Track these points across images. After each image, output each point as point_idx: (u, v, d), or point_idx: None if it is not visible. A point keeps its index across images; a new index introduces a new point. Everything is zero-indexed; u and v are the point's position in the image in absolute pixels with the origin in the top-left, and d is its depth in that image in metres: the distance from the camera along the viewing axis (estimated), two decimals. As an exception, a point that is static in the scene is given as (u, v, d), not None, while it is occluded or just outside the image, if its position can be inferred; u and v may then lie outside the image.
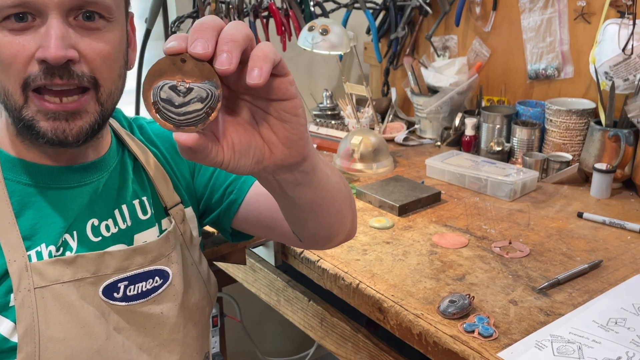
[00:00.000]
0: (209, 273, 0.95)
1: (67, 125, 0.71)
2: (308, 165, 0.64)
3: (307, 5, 1.84)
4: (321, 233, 0.81)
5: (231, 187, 0.92)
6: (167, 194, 0.88)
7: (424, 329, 0.96)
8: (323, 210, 0.74)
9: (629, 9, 1.42)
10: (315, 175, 0.67)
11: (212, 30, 0.52)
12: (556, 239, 1.25)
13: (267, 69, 0.51)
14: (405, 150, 1.83)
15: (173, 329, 0.85)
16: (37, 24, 0.68)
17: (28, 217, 0.76)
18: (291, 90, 0.56)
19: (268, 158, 0.59)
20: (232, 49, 0.51)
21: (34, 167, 0.77)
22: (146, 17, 1.69)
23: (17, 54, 0.68)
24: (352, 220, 0.87)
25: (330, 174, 0.74)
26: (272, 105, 0.57)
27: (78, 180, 0.79)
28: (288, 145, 0.59)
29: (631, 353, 0.88)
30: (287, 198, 0.69)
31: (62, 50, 0.67)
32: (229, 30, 0.52)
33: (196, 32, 0.51)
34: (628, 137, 1.43)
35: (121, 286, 0.79)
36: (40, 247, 0.75)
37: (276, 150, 0.59)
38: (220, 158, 0.56)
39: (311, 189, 0.68)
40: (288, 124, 0.58)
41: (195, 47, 0.51)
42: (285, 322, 1.48)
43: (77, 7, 0.69)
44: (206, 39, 0.51)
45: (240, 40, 0.51)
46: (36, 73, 0.68)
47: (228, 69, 0.50)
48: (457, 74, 1.82)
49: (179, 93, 0.51)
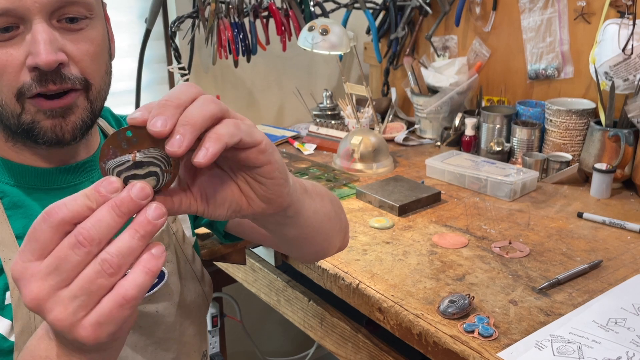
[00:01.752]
0: (202, 271, 0.95)
1: (63, 122, 0.72)
2: (290, 211, 0.64)
3: (307, 5, 1.84)
4: (308, 257, 0.84)
5: None
6: None
7: (423, 329, 0.96)
8: (309, 241, 0.76)
9: (629, 9, 1.42)
10: (300, 216, 0.67)
11: (176, 108, 0.51)
12: (556, 239, 1.25)
13: (213, 152, 0.50)
14: (405, 150, 1.83)
15: (169, 328, 0.85)
16: (21, 31, 0.68)
17: (19, 218, 0.76)
18: (261, 159, 0.55)
19: (246, 209, 0.59)
20: (186, 132, 0.49)
21: (24, 169, 0.77)
22: (146, 17, 1.69)
23: (7, 63, 0.68)
24: (343, 238, 0.89)
25: (320, 207, 0.74)
26: (247, 169, 0.57)
27: (68, 181, 0.80)
28: (266, 201, 0.59)
29: (631, 353, 0.88)
30: (271, 232, 0.70)
31: (53, 55, 0.67)
32: (191, 110, 0.51)
33: (160, 107, 0.50)
34: (628, 137, 1.43)
35: None
36: None
37: (254, 203, 0.59)
38: (194, 208, 0.56)
39: (295, 228, 0.69)
40: (264, 185, 0.57)
41: (154, 125, 0.49)
42: (285, 322, 1.49)
43: (59, 8, 0.69)
44: (166, 117, 0.50)
45: (198, 123, 0.50)
46: (30, 82, 0.68)
47: (177, 151, 0.49)
48: (457, 74, 1.82)
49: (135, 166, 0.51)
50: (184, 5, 1.78)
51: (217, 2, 1.71)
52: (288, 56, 1.97)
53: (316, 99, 2.06)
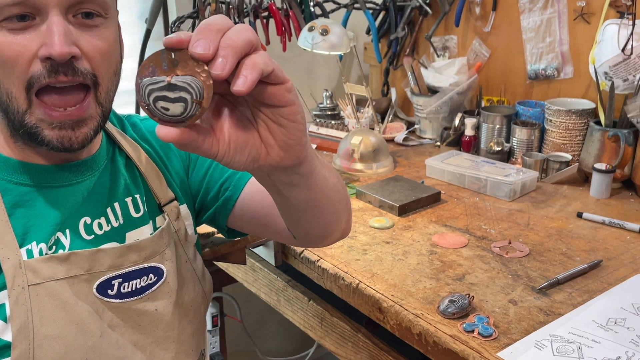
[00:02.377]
0: (203, 270, 0.95)
1: (72, 134, 0.72)
2: (304, 169, 0.64)
3: (307, 6, 1.84)
4: (316, 232, 0.81)
5: (226, 184, 0.92)
6: (160, 191, 0.88)
7: (423, 329, 0.96)
8: (318, 210, 0.75)
9: (629, 9, 1.42)
10: (312, 178, 0.67)
11: (216, 32, 0.52)
12: (556, 239, 1.25)
13: (252, 79, 0.52)
14: (405, 150, 1.83)
15: (168, 326, 0.85)
16: (37, 22, 0.68)
17: (20, 216, 0.76)
18: (287, 97, 0.57)
19: (264, 158, 0.59)
20: (229, 55, 0.51)
21: (26, 166, 0.77)
22: (146, 17, 1.70)
23: (20, 54, 0.68)
24: (348, 219, 0.88)
25: (329, 176, 0.74)
26: (270, 110, 0.57)
27: (70, 178, 0.80)
28: (285, 148, 0.59)
29: (630, 353, 0.88)
30: (282, 197, 0.69)
31: (67, 47, 0.67)
32: (230, 34, 0.52)
33: (200, 32, 0.52)
34: (627, 137, 1.43)
35: (115, 283, 0.79)
36: (31, 245, 0.75)
37: (272, 151, 0.59)
38: (214, 150, 0.56)
39: (307, 190, 0.68)
40: (285, 129, 0.58)
41: (196, 47, 0.51)
42: (285, 322, 1.49)
43: (76, 4, 0.69)
44: (209, 41, 0.51)
45: (238, 46, 0.52)
46: (40, 72, 0.68)
47: (220, 74, 0.51)
48: (457, 74, 1.82)
49: (168, 88, 0.52)
50: (184, 6, 1.78)
51: (217, 2, 1.71)
52: (288, 56, 1.97)
53: (316, 99, 2.06)
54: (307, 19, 1.82)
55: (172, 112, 0.52)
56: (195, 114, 0.52)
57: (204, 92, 0.52)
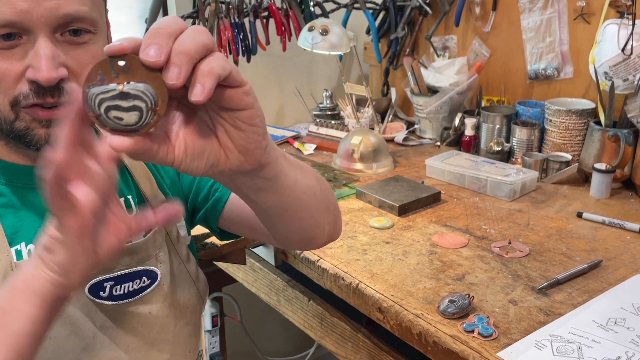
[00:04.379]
0: (197, 271, 0.94)
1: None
2: (267, 172, 0.62)
3: (307, 6, 1.84)
4: (294, 236, 0.79)
5: (216, 185, 0.91)
6: (151, 193, 0.87)
7: (423, 329, 0.96)
8: (291, 215, 0.72)
9: (629, 9, 1.42)
10: (279, 181, 0.65)
11: (168, 36, 0.50)
12: (556, 239, 1.25)
13: (209, 86, 0.49)
14: (405, 150, 1.83)
15: (162, 328, 0.85)
16: (23, 41, 0.67)
17: (9, 217, 0.75)
18: (245, 101, 0.54)
19: (223, 163, 0.57)
20: (182, 62, 0.49)
21: (15, 168, 0.77)
22: (146, 17, 1.70)
23: (6, 72, 0.67)
24: (333, 222, 0.84)
25: (301, 178, 0.72)
26: (227, 113, 0.55)
27: None
28: (244, 152, 0.57)
29: (630, 353, 0.88)
30: (252, 202, 0.68)
31: (54, 72, 0.66)
32: (183, 39, 0.50)
33: (151, 36, 0.49)
34: (628, 137, 1.43)
35: (107, 285, 0.79)
36: (19, 245, 0.75)
37: (232, 156, 0.57)
38: (170, 158, 0.54)
39: (275, 194, 0.66)
40: (244, 133, 0.56)
41: (147, 54, 0.48)
42: (285, 322, 1.49)
43: (64, 24, 0.68)
44: (160, 46, 0.49)
45: (192, 52, 0.49)
46: (27, 92, 0.68)
47: (175, 84, 0.49)
48: (457, 74, 1.82)
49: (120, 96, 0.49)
50: (184, 6, 1.78)
51: (217, 2, 1.71)
52: (288, 56, 1.97)
53: (316, 99, 2.06)
54: (307, 19, 1.82)
55: (126, 121, 0.49)
56: (151, 122, 0.50)
57: (158, 100, 0.49)
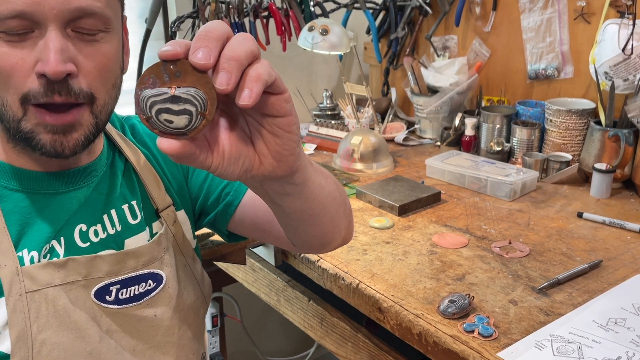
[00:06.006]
0: (202, 273, 0.94)
1: (64, 139, 0.70)
2: (297, 179, 0.64)
3: (307, 5, 1.84)
4: (314, 240, 0.81)
5: (228, 189, 0.91)
6: (158, 196, 0.87)
7: (423, 329, 0.96)
8: (314, 219, 0.74)
9: (629, 9, 1.42)
10: (306, 187, 0.67)
11: (217, 40, 0.51)
12: (556, 239, 1.25)
13: (257, 91, 0.51)
14: (405, 150, 1.83)
15: (167, 331, 0.85)
16: (35, 35, 0.67)
17: (14, 222, 0.75)
18: (285, 108, 0.56)
19: (257, 168, 0.59)
20: (233, 69, 0.50)
21: (24, 173, 0.77)
22: (146, 17, 1.69)
23: (16, 66, 0.67)
24: (348, 226, 0.87)
25: (325, 184, 0.74)
26: (266, 120, 0.57)
27: (67, 186, 0.79)
28: (278, 158, 0.59)
29: (631, 353, 0.88)
30: (277, 206, 0.69)
31: (62, 65, 0.66)
32: (233, 45, 0.51)
33: (200, 39, 0.51)
34: (628, 137, 1.43)
35: (113, 289, 0.79)
36: (22, 252, 0.75)
37: (265, 161, 0.59)
38: (209, 162, 0.56)
39: (301, 200, 0.68)
40: (280, 139, 0.57)
41: (197, 56, 0.50)
42: (285, 322, 1.49)
43: (76, 18, 0.68)
44: (209, 49, 0.50)
45: (242, 60, 0.51)
46: (37, 90, 0.67)
47: (225, 89, 0.50)
48: (457, 74, 1.82)
49: (172, 100, 0.50)
50: (184, 5, 1.78)
51: (217, 2, 1.71)
52: (288, 56, 1.97)
53: (316, 99, 2.06)
54: (307, 18, 1.82)
55: (176, 124, 0.51)
56: (199, 126, 0.51)
57: (208, 104, 0.51)
